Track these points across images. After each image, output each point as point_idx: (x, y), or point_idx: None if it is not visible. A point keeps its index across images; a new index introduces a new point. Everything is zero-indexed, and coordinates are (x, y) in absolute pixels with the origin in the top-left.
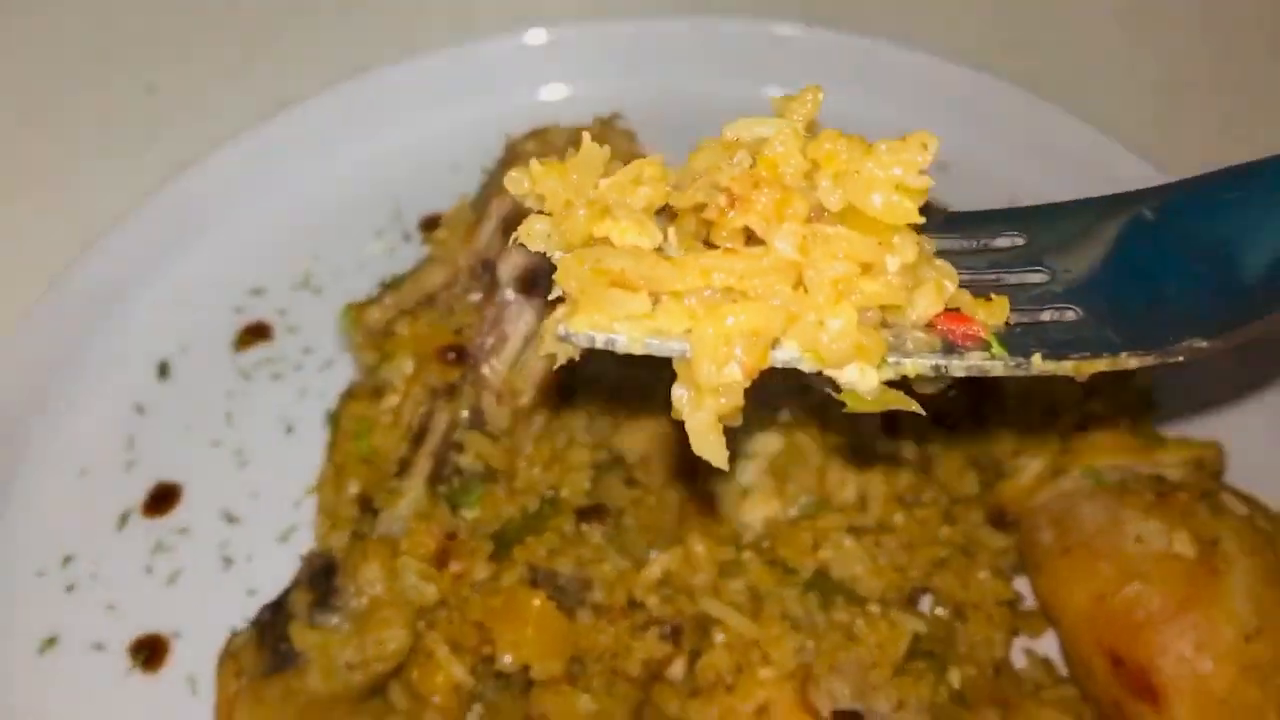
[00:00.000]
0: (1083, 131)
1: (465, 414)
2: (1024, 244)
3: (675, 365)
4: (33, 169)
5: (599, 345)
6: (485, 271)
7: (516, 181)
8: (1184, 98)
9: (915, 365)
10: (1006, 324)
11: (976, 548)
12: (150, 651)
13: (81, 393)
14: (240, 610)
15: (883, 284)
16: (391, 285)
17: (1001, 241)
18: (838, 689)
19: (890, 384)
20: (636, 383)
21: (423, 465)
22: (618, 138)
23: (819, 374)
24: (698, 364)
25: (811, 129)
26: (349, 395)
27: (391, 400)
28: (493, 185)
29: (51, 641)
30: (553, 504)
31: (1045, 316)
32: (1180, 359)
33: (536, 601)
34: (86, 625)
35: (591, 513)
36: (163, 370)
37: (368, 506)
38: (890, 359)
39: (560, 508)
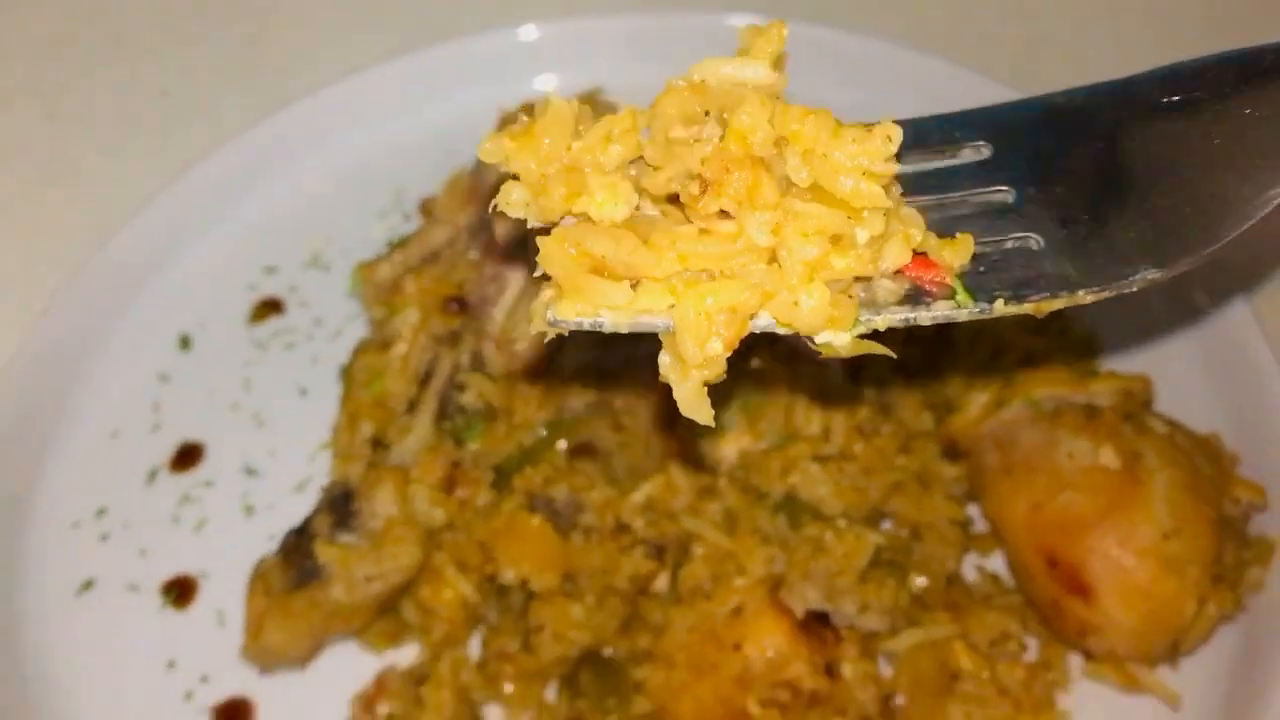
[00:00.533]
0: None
1: (466, 358)
2: (989, 156)
3: (661, 336)
4: (59, 165)
5: (586, 328)
6: (482, 230)
7: (490, 152)
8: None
9: (886, 320)
10: (971, 259)
11: (931, 477)
12: (180, 590)
13: (110, 364)
14: (263, 552)
15: (853, 258)
16: (398, 245)
17: (967, 153)
18: (809, 593)
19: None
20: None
21: (429, 404)
22: (602, 110)
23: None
24: (682, 341)
25: (778, 63)
26: (360, 349)
27: (400, 348)
28: None
29: (89, 584)
30: (547, 440)
31: (1008, 245)
32: (1134, 290)
33: (535, 522)
34: (121, 569)
35: (582, 450)
36: (184, 343)
37: (380, 444)
38: (862, 317)
39: (553, 443)
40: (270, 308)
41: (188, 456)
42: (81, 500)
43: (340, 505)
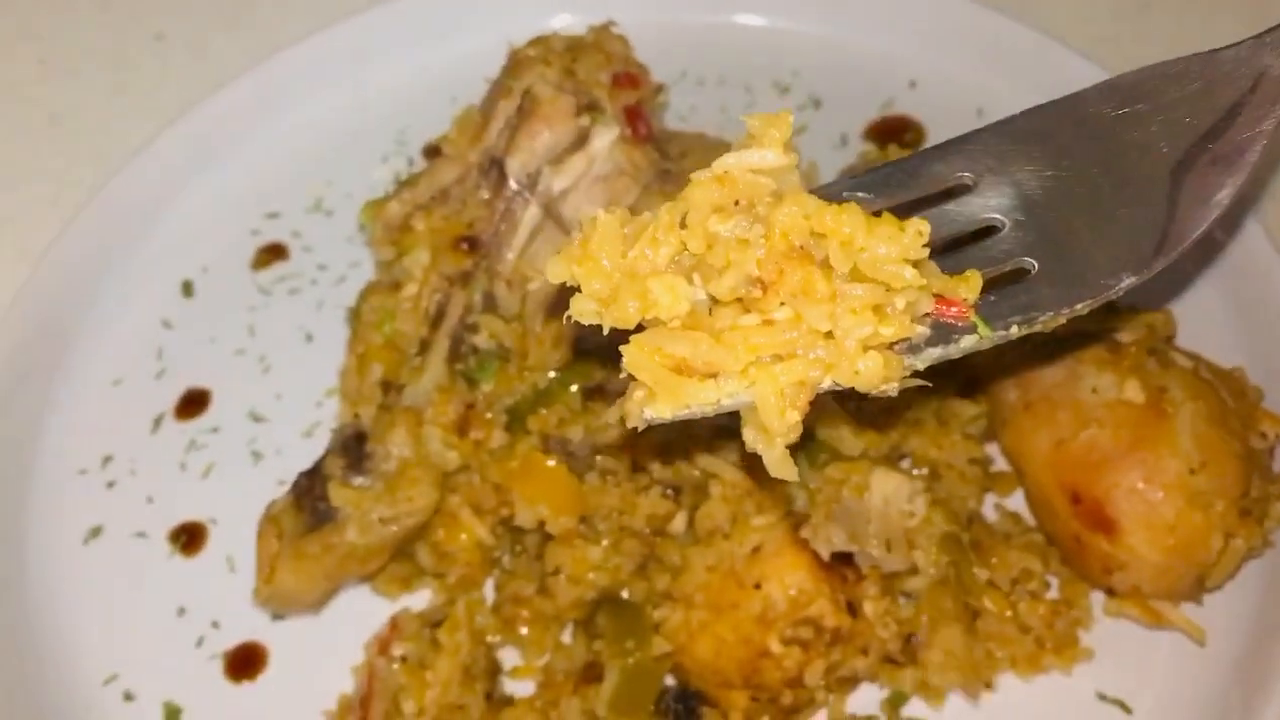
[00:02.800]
0: (1042, 43)
1: (478, 298)
2: (973, 187)
3: (742, 412)
4: (54, 111)
5: (680, 419)
6: (493, 168)
7: (559, 274)
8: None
9: (924, 361)
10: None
11: (949, 415)
12: (189, 537)
13: (112, 311)
14: (272, 497)
15: (896, 324)
16: (407, 182)
17: (951, 184)
18: (835, 535)
19: None
20: None
21: (441, 345)
22: (612, 41)
23: None
24: (765, 417)
25: (788, 147)
26: (368, 290)
27: (410, 289)
28: (498, 90)
29: (96, 532)
30: (561, 382)
31: (1008, 269)
32: (1120, 295)
33: (550, 464)
34: (128, 517)
35: (596, 392)
36: (186, 289)
37: (390, 388)
38: (905, 363)
39: (567, 385)
40: (273, 253)
41: (193, 403)
42: (87, 448)
43: (353, 447)
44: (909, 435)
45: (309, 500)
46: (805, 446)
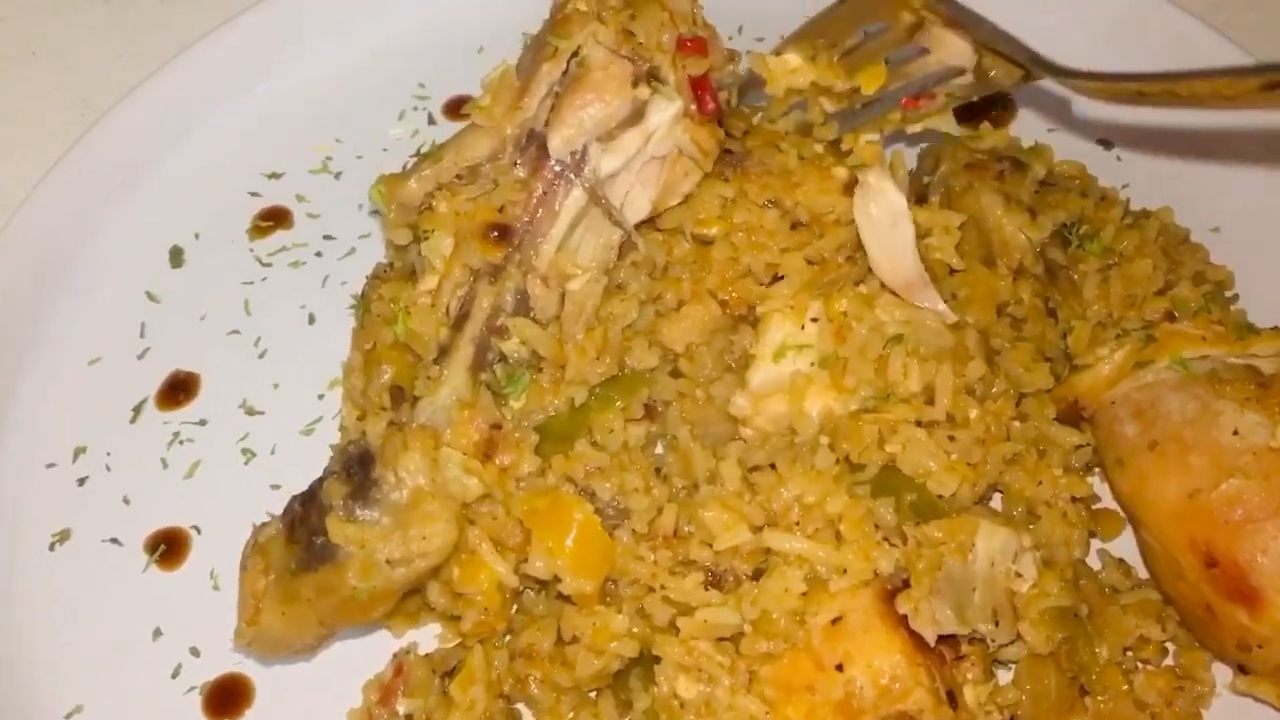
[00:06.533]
0: None
1: (509, 298)
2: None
3: None
4: (41, 45)
5: None
6: (531, 143)
7: None
8: None
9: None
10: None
11: (1047, 444)
12: (168, 546)
13: (89, 279)
14: (263, 505)
15: None
16: (429, 156)
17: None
18: (940, 613)
19: None
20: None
21: (464, 351)
22: None
23: None
24: None
25: None
26: (378, 277)
27: (429, 282)
28: (541, 49)
29: (64, 535)
30: (602, 399)
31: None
32: None
33: (579, 515)
34: (100, 519)
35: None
36: (175, 257)
37: (402, 396)
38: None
39: (610, 401)
40: (274, 219)
41: (178, 390)
42: (57, 437)
43: (357, 470)
44: (1005, 470)
45: (303, 532)
46: (892, 486)
